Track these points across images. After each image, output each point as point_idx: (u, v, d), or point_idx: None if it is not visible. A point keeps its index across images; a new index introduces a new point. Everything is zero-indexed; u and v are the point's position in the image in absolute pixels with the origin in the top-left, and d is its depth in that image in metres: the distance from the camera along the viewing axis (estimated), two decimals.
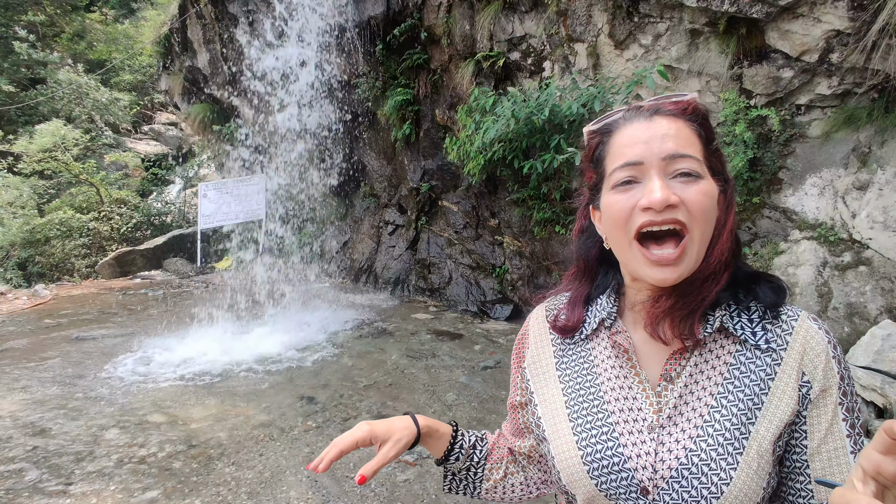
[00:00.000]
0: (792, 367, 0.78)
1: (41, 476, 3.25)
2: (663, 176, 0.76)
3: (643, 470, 0.78)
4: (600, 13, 4.79)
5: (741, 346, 0.81)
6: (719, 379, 0.80)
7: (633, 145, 0.79)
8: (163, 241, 11.38)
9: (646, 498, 0.78)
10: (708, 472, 0.74)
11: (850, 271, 3.80)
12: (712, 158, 0.82)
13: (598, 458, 0.81)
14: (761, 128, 4.22)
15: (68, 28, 17.89)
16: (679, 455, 0.76)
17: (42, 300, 8.26)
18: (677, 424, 0.79)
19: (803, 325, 0.80)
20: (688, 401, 0.80)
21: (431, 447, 1.03)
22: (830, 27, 3.69)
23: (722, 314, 0.81)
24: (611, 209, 0.81)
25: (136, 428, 3.88)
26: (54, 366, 5.23)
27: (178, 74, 10.10)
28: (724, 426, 0.76)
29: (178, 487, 3.11)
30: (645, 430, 0.80)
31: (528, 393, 0.98)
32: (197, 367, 5.12)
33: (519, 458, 1.05)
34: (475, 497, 1.07)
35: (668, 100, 0.83)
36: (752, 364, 0.79)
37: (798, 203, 4.13)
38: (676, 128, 0.79)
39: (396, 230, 8.53)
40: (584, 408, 0.86)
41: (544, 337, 0.97)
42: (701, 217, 0.76)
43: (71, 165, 11.97)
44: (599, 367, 0.88)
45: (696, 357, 0.82)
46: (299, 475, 3.23)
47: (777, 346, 0.79)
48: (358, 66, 7.56)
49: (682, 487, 0.75)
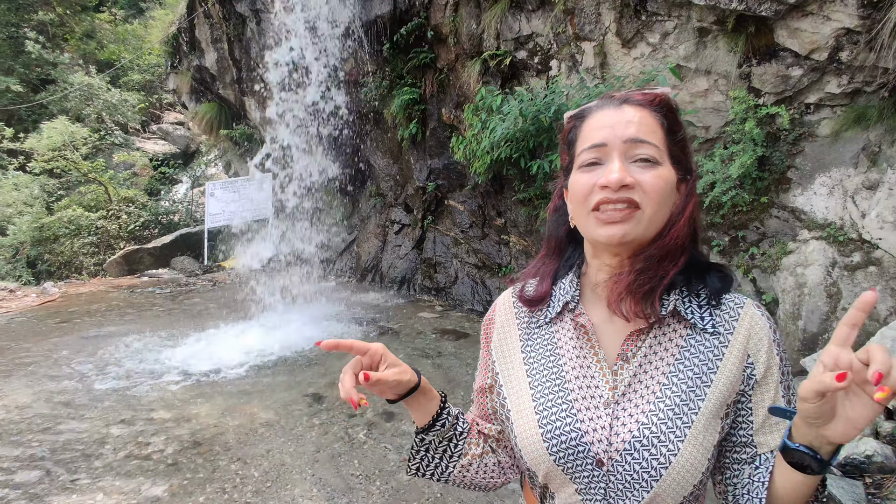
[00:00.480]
0: (738, 350, 0.84)
1: (49, 471, 3.27)
2: (623, 158, 0.82)
3: (598, 443, 0.83)
4: (608, 11, 4.76)
5: (691, 329, 0.86)
6: (671, 359, 0.85)
7: (600, 129, 0.85)
8: (170, 239, 11.43)
9: (600, 470, 0.83)
10: (658, 444, 0.80)
11: (859, 271, 3.76)
12: (674, 148, 0.87)
13: (556, 433, 0.85)
14: (770, 126, 4.19)
15: (78, 28, 18.03)
16: (632, 428, 0.82)
17: (51, 297, 8.33)
18: (631, 400, 0.84)
19: (748, 311, 0.87)
20: (641, 379, 0.85)
21: (420, 408, 0.99)
22: (840, 25, 3.65)
23: (675, 298, 0.87)
24: (575, 186, 0.87)
25: (142, 424, 3.90)
26: (62, 362, 5.26)
27: (186, 74, 10.14)
28: (675, 402, 0.82)
29: (184, 484, 3.13)
30: (601, 406, 0.85)
31: (494, 375, 1.01)
32: (202, 365, 5.14)
33: (490, 440, 1.06)
34: (445, 477, 1.03)
35: (638, 91, 0.89)
36: (702, 346, 0.85)
37: (807, 202, 4.09)
38: (640, 116, 0.85)
39: (402, 229, 8.53)
40: (547, 387, 0.90)
41: (511, 321, 1.01)
42: (655, 197, 0.82)
43: (80, 164, 12.05)
44: (562, 348, 0.92)
45: (650, 339, 0.87)
46: (304, 473, 3.24)
47: (724, 330, 0.85)
48: (365, 65, 7.57)
49: (634, 459, 0.80)
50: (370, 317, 6.78)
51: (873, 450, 2.94)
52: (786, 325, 4.00)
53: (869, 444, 2.97)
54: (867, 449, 2.95)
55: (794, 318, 3.94)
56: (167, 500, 2.97)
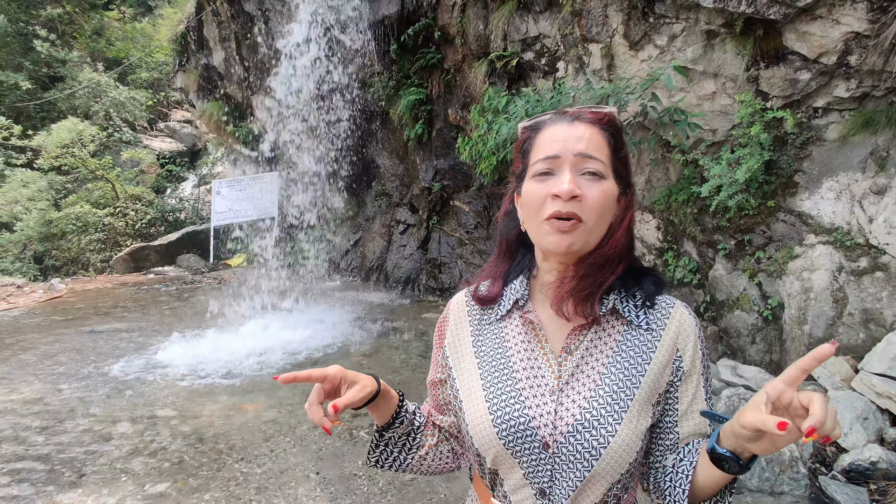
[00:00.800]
0: (668, 344, 0.94)
1: (54, 467, 3.30)
2: (574, 171, 0.90)
3: (545, 427, 0.91)
4: (615, 13, 4.75)
5: (628, 326, 0.96)
6: (610, 352, 0.94)
7: (553, 142, 0.93)
8: (176, 237, 11.49)
9: (546, 452, 0.91)
10: (598, 426, 0.88)
11: (866, 277, 3.74)
12: (618, 164, 0.96)
13: (506, 419, 0.93)
14: (777, 130, 4.17)
15: (87, 26, 18.12)
16: (575, 413, 0.90)
17: (58, 294, 8.38)
18: (574, 388, 0.92)
19: (678, 311, 0.97)
20: (583, 369, 0.94)
21: (380, 410, 1.05)
22: (849, 29, 3.64)
23: (615, 298, 0.96)
24: (529, 195, 0.94)
25: (147, 422, 3.92)
26: (68, 359, 5.30)
27: (194, 72, 10.18)
28: (613, 389, 0.91)
29: (188, 481, 3.14)
30: (547, 393, 0.93)
31: (447, 369, 1.09)
32: (207, 364, 5.16)
33: (443, 430, 1.14)
34: (403, 468, 1.11)
35: (588, 109, 0.97)
36: (637, 340, 0.95)
37: (814, 207, 4.07)
38: (591, 133, 0.93)
39: (408, 229, 8.54)
40: (496, 377, 0.98)
41: (463, 319, 1.09)
42: (597, 210, 0.90)
43: (88, 161, 12.11)
44: (511, 342, 1.01)
45: (591, 334, 0.96)
46: (308, 472, 3.25)
47: (657, 326, 0.96)
48: (372, 65, 7.58)
49: (577, 440, 0.89)
50: (374, 317, 6.79)
51: (878, 456, 2.93)
52: (791, 329, 3.98)
53: (874, 451, 2.96)
54: (872, 455, 2.94)
55: (800, 323, 3.92)
56: (172, 496, 2.99)
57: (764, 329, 4.19)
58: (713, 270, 4.53)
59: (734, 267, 4.42)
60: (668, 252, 4.88)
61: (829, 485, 2.94)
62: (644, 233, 5.13)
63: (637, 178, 5.12)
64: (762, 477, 3.02)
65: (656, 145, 4.66)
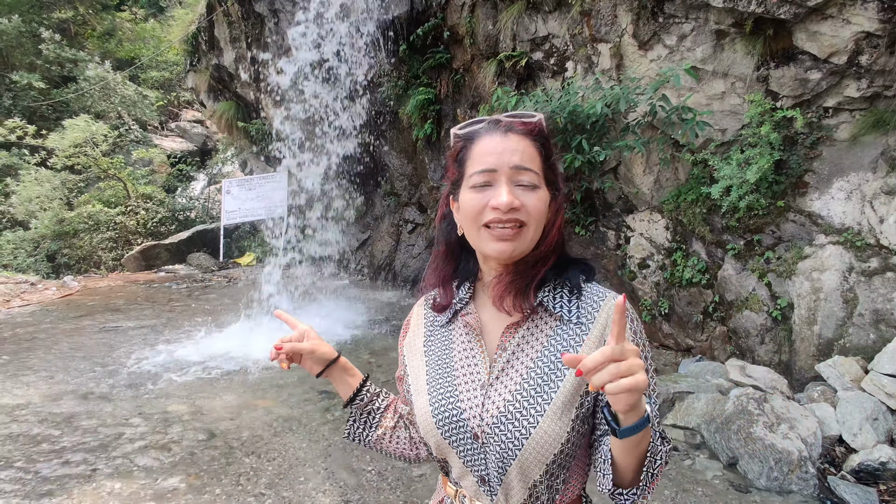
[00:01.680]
0: (595, 336, 0.97)
1: (69, 460, 3.35)
2: (510, 182, 0.95)
3: (473, 419, 0.98)
4: (625, 13, 4.76)
5: (559, 321, 1.01)
6: (539, 347, 1.00)
7: (489, 154, 0.97)
8: (186, 235, 11.58)
9: (476, 442, 0.98)
10: (521, 417, 0.94)
11: (876, 277, 3.73)
12: (549, 172, 1.01)
13: (442, 411, 1.01)
14: (787, 130, 4.16)
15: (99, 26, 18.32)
16: (499, 405, 0.96)
17: (71, 291, 8.48)
18: (502, 382, 0.99)
19: (608, 303, 1.00)
20: (513, 364, 1.00)
21: (343, 383, 1.23)
22: (860, 29, 3.63)
23: (543, 295, 1.01)
24: (467, 205, 0.99)
25: (159, 417, 3.97)
26: (82, 355, 5.37)
27: (205, 72, 10.26)
28: (537, 382, 0.96)
29: (200, 475, 3.18)
30: (478, 387, 1.00)
31: (404, 367, 1.19)
32: (218, 361, 5.22)
33: (404, 418, 1.26)
34: (368, 444, 1.26)
35: (519, 119, 1.01)
36: (566, 335, 0.99)
37: (824, 207, 4.06)
38: (524, 146, 0.98)
39: (416, 229, 8.58)
40: (439, 374, 1.07)
41: (420, 323, 1.19)
42: (536, 217, 0.96)
43: (100, 161, 12.24)
44: (454, 343, 1.09)
45: (523, 330, 1.02)
46: (317, 467, 3.29)
47: (586, 320, 0.99)
48: (381, 65, 7.62)
49: (501, 431, 0.95)
50: (383, 315, 6.83)
51: (888, 457, 2.92)
52: (801, 329, 3.97)
53: (883, 451, 2.95)
54: (881, 456, 2.93)
55: (810, 324, 3.91)
56: (183, 490, 3.03)
57: (773, 329, 4.18)
58: (722, 270, 4.52)
59: (743, 267, 4.41)
60: (677, 252, 4.87)
61: (839, 485, 2.93)
62: (653, 233, 5.13)
63: (646, 178, 5.12)
64: (770, 476, 3.02)
65: (665, 145, 4.66)
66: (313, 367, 1.20)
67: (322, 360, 1.19)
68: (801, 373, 3.93)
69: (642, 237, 5.23)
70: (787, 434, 3.12)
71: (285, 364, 1.18)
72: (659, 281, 5.07)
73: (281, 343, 1.16)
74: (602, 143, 4.60)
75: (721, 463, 3.27)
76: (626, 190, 5.37)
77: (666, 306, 4.95)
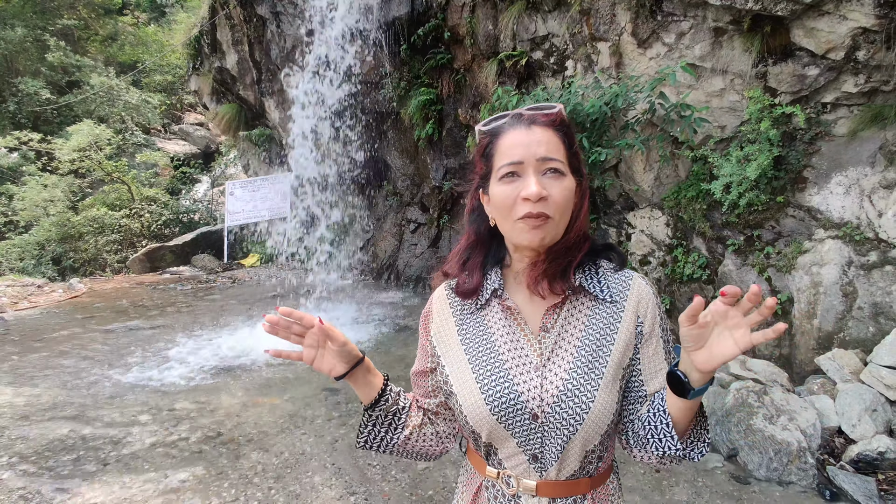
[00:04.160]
0: (630, 313, 1.06)
1: (78, 457, 3.41)
2: (537, 173, 1.00)
3: (532, 400, 1.01)
4: (623, 12, 4.80)
5: (595, 301, 1.08)
6: (581, 327, 1.06)
7: (516, 147, 1.02)
8: (191, 237, 11.66)
9: (535, 423, 1.01)
10: (579, 394, 1.00)
11: (875, 271, 3.76)
12: (572, 159, 1.06)
13: (497, 396, 1.03)
14: (786, 126, 4.19)
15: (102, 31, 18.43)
16: (558, 384, 1.01)
17: (77, 293, 8.56)
18: (555, 363, 1.04)
19: (636, 282, 1.08)
20: (561, 345, 1.05)
21: (367, 385, 1.15)
22: (857, 25, 3.66)
23: (581, 276, 1.08)
24: (498, 197, 1.04)
25: (167, 415, 4.03)
26: (90, 354, 5.44)
27: (208, 75, 10.33)
28: (588, 360, 1.03)
29: (208, 471, 3.24)
30: (532, 369, 1.04)
31: (436, 358, 1.17)
32: (224, 359, 5.28)
33: (429, 413, 1.22)
34: (390, 448, 1.19)
35: (541, 112, 1.06)
36: (604, 312, 1.07)
37: (823, 202, 4.09)
38: (548, 136, 1.03)
39: (418, 228, 8.62)
40: (484, 360, 1.08)
41: (446, 311, 1.18)
42: (562, 205, 1.01)
43: (104, 164, 12.34)
44: (493, 327, 1.11)
45: (564, 312, 1.08)
46: (324, 462, 3.34)
47: (620, 298, 1.07)
48: (383, 66, 7.67)
49: (562, 409, 1.00)
50: (386, 314, 6.88)
51: (886, 447, 2.96)
52: (801, 323, 4.00)
53: (882, 441, 2.98)
54: (880, 446, 2.97)
55: (810, 317, 3.95)
56: (192, 485, 3.08)
57: (773, 324, 4.21)
58: (722, 266, 4.56)
59: (743, 262, 4.44)
60: (678, 248, 4.91)
61: (837, 475, 2.97)
62: (653, 229, 5.17)
63: (647, 176, 5.16)
64: (770, 467, 3.05)
65: (665, 142, 4.69)
66: (336, 365, 1.11)
67: (350, 358, 1.11)
68: (802, 366, 3.96)
69: (643, 234, 5.27)
70: (786, 426, 3.16)
71: (296, 355, 1.11)
72: (660, 277, 5.11)
73: (320, 320, 1.09)
74: (602, 141, 4.64)
75: (721, 455, 3.31)
76: (626, 187, 5.41)
77: (668, 302, 4.99)
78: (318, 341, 1.11)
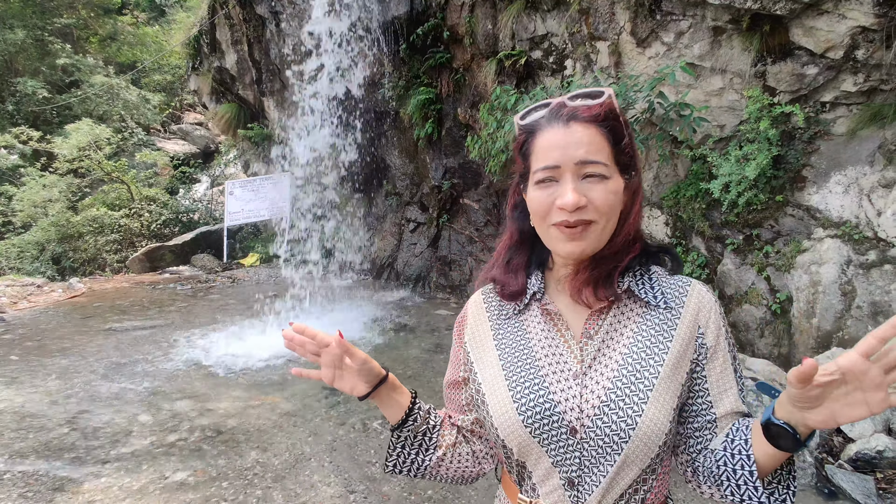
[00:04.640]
0: (689, 321, 0.94)
1: (79, 456, 3.41)
2: (575, 178, 0.89)
3: (571, 411, 0.90)
4: (623, 11, 4.80)
5: (646, 306, 0.96)
6: (630, 333, 0.94)
7: (552, 149, 0.91)
8: (190, 237, 11.65)
9: (574, 438, 0.90)
10: (624, 406, 0.88)
11: (874, 270, 3.76)
12: (621, 157, 0.93)
13: (531, 405, 0.92)
14: (785, 125, 4.20)
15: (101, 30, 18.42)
16: (600, 394, 0.90)
17: (76, 293, 8.55)
18: (598, 371, 0.92)
19: (696, 288, 0.97)
20: (605, 352, 0.94)
21: (393, 404, 1.06)
22: (856, 24, 3.66)
23: (630, 280, 0.97)
24: (534, 203, 0.94)
25: (167, 414, 4.03)
26: (90, 353, 5.43)
27: (207, 75, 10.33)
28: (636, 368, 0.90)
29: (207, 470, 3.24)
30: (571, 378, 0.93)
31: (469, 364, 1.07)
32: (224, 359, 5.27)
33: (463, 431, 1.12)
34: (422, 472, 1.09)
35: (584, 105, 0.93)
36: (657, 319, 0.95)
37: (822, 201, 4.10)
38: (589, 135, 0.90)
39: (418, 228, 8.63)
40: (518, 367, 0.97)
41: (482, 316, 1.09)
42: (606, 211, 0.90)
43: (104, 164, 12.34)
44: (531, 332, 1.01)
45: (610, 317, 0.96)
46: (323, 461, 3.34)
47: (675, 304, 0.95)
48: (382, 65, 7.67)
49: (604, 422, 0.88)
50: (386, 314, 6.88)
51: (885, 445, 2.96)
52: (800, 322, 4.01)
53: (881, 440, 2.99)
54: (879, 444, 2.97)
55: (809, 316, 3.95)
56: (192, 484, 3.09)
57: (772, 323, 4.22)
58: (722, 265, 4.56)
59: (742, 261, 4.45)
60: (677, 247, 4.91)
61: (836, 473, 2.97)
62: (653, 228, 5.17)
63: (645, 175, 5.16)
64: None
65: (664, 141, 4.70)
66: (358, 384, 1.02)
67: (372, 376, 1.02)
68: None
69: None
70: None
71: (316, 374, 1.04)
72: None
73: (339, 333, 1.00)
74: None
75: None
76: None
77: None
78: (335, 360, 1.02)
